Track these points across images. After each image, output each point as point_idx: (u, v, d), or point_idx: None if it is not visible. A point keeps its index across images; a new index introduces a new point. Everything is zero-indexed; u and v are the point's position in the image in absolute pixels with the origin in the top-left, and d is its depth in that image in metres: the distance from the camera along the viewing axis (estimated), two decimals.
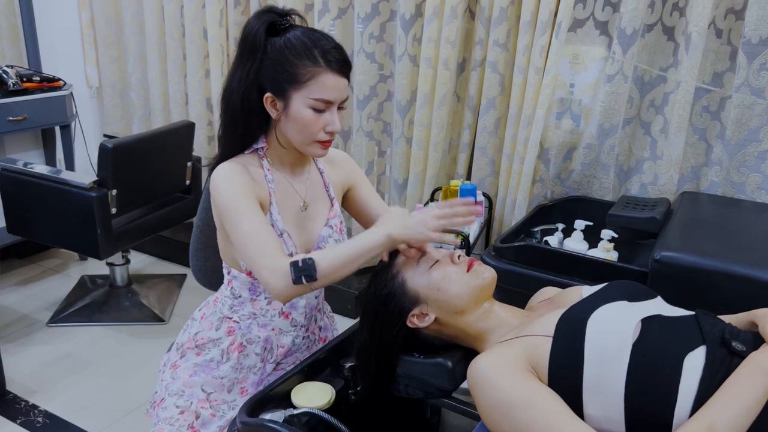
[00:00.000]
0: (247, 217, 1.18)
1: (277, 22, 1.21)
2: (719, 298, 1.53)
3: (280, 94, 1.21)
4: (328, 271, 1.14)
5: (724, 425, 0.87)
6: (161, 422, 1.33)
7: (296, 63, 1.18)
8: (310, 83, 1.18)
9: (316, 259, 1.14)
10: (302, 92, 1.19)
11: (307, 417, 1.15)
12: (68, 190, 2.34)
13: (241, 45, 1.22)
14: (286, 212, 1.30)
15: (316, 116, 1.20)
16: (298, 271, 1.12)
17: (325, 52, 1.19)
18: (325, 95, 1.19)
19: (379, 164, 2.77)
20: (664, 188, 2.20)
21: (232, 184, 1.21)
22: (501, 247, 1.91)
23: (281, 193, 1.30)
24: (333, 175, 1.42)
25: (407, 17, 2.42)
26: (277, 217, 1.27)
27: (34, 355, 2.45)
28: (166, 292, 2.96)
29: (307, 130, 1.21)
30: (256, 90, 1.21)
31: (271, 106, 1.23)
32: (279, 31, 1.21)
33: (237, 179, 1.21)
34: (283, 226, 1.28)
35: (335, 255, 1.15)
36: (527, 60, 2.25)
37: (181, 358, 1.38)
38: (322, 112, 1.20)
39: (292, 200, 1.32)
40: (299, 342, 1.39)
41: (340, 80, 1.20)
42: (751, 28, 1.93)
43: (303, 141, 1.24)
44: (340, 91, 1.21)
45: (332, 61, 1.19)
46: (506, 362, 1.03)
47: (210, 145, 3.19)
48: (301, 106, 1.19)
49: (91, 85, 3.47)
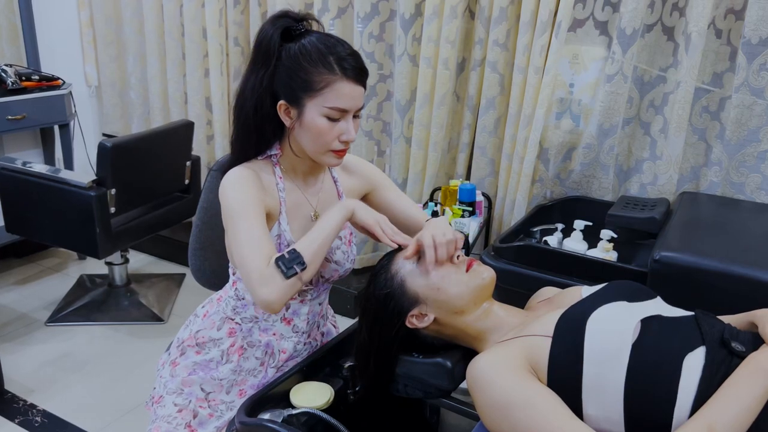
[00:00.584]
0: (246, 222, 1.16)
1: (292, 28, 1.18)
2: (719, 298, 1.53)
3: (294, 102, 1.18)
4: (312, 253, 1.13)
5: (724, 425, 0.87)
6: (159, 420, 1.33)
7: (311, 70, 1.15)
8: (325, 91, 1.15)
9: (298, 248, 1.13)
10: (317, 100, 1.16)
11: (306, 417, 1.14)
12: (67, 190, 2.34)
13: (255, 50, 1.19)
14: (295, 223, 1.28)
15: (330, 125, 1.18)
16: (288, 263, 1.11)
17: (341, 60, 1.16)
18: (340, 104, 1.16)
19: (379, 164, 2.77)
20: (663, 188, 2.20)
21: (239, 189, 1.19)
22: (500, 247, 1.91)
23: (292, 203, 1.28)
24: (347, 183, 1.39)
25: (407, 17, 2.42)
26: (286, 228, 1.25)
27: (33, 355, 2.45)
28: (165, 291, 2.96)
29: (322, 138, 1.19)
30: (269, 97, 1.19)
31: (284, 113, 1.20)
32: (294, 36, 1.18)
33: (245, 185, 1.19)
34: (290, 237, 1.26)
35: (311, 239, 1.15)
36: (527, 60, 2.25)
37: (181, 355, 1.38)
38: (336, 120, 1.18)
39: (303, 210, 1.30)
40: (301, 348, 1.38)
41: (355, 88, 1.18)
42: (750, 28, 1.93)
43: (317, 150, 1.21)
44: (355, 100, 1.18)
45: (348, 69, 1.16)
46: (506, 362, 1.03)
47: (209, 144, 3.18)
48: (315, 114, 1.17)
49: (90, 84, 3.46)
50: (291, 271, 1.10)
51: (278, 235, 1.25)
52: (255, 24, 2.84)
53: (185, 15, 2.97)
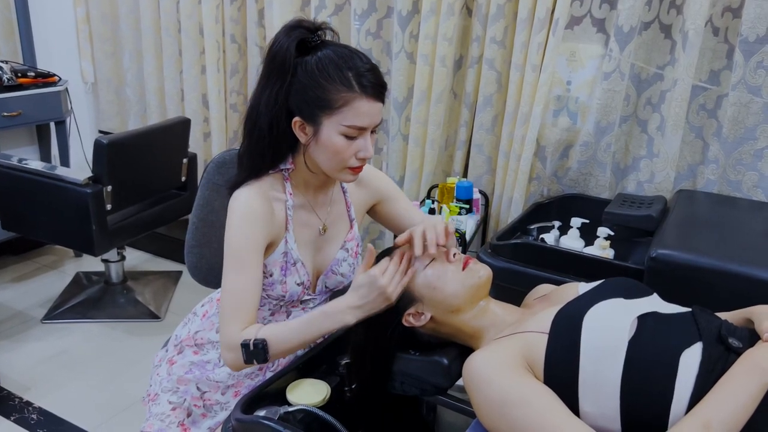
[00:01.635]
0: (238, 275, 1.15)
1: (307, 39, 1.14)
2: (715, 295, 1.53)
3: (310, 120, 1.14)
4: (281, 351, 1.14)
5: (720, 422, 0.87)
6: (152, 417, 1.33)
7: (329, 88, 1.11)
8: (343, 110, 1.11)
9: (269, 341, 1.12)
10: (335, 118, 1.12)
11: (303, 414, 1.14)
12: (63, 187, 2.33)
13: (269, 63, 1.15)
14: (302, 239, 1.26)
15: (348, 143, 1.14)
16: (249, 355, 1.13)
17: (360, 76, 1.11)
18: (358, 122, 1.13)
19: (376, 161, 2.76)
20: (660, 186, 2.20)
21: (244, 228, 1.16)
22: (497, 245, 1.91)
23: (300, 219, 1.26)
24: (357, 194, 1.37)
25: (404, 14, 2.42)
26: (293, 246, 1.24)
27: (29, 352, 2.44)
28: (161, 288, 2.95)
29: (339, 156, 1.15)
30: (285, 114, 1.15)
31: (299, 130, 1.17)
32: (309, 48, 1.14)
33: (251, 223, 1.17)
34: (297, 255, 1.25)
35: (288, 337, 1.14)
36: (524, 57, 2.25)
37: (179, 353, 1.37)
38: (354, 138, 1.15)
39: (311, 225, 1.28)
40: (301, 353, 1.38)
41: (374, 105, 1.14)
42: (748, 26, 1.93)
43: (333, 167, 1.18)
44: (374, 117, 1.14)
45: (367, 86, 1.12)
46: (502, 359, 1.03)
47: (206, 142, 3.18)
48: (332, 132, 1.13)
49: (86, 81, 3.45)
50: (249, 360, 1.13)
51: (284, 253, 1.24)
52: (252, 21, 2.83)
53: (182, 11, 2.96)
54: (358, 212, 1.38)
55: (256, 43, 2.87)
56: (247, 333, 1.14)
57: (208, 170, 1.54)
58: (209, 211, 1.55)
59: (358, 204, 1.37)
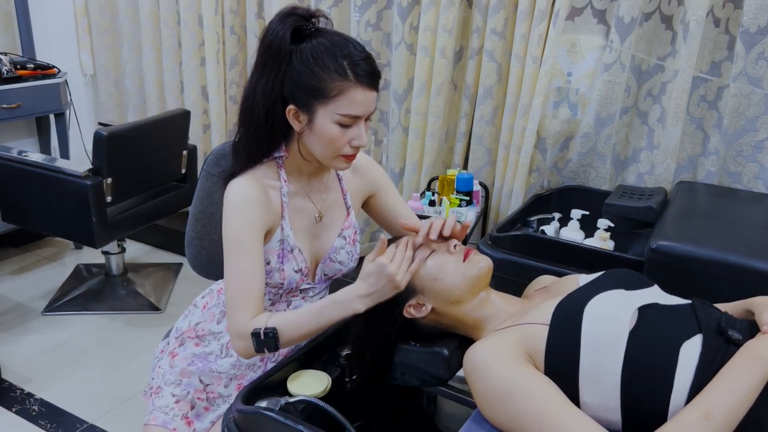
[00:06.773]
0: (241, 260, 1.16)
1: (301, 27, 1.14)
2: (715, 287, 1.53)
3: (304, 108, 1.15)
4: (291, 339, 1.15)
5: (720, 413, 0.87)
6: (156, 410, 1.33)
7: (324, 77, 1.11)
8: (338, 98, 1.12)
9: (279, 329, 1.13)
10: (329, 107, 1.13)
11: (303, 405, 1.15)
12: (63, 179, 2.33)
13: (263, 51, 1.15)
14: (299, 226, 1.27)
15: (342, 131, 1.15)
16: (260, 343, 1.14)
17: (355, 65, 1.12)
18: (353, 111, 1.13)
19: (376, 153, 2.76)
20: (660, 178, 2.20)
21: (240, 215, 1.17)
22: (497, 237, 1.91)
23: (296, 206, 1.26)
24: (353, 182, 1.37)
25: (404, 5, 2.41)
26: (289, 233, 1.24)
27: (30, 344, 2.45)
28: (161, 280, 2.96)
29: (333, 145, 1.16)
30: (280, 102, 1.16)
31: (293, 118, 1.17)
32: (304, 36, 1.14)
33: (248, 210, 1.17)
34: (294, 242, 1.25)
35: (298, 324, 1.15)
36: (524, 49, 2.24)
37: (180, 346, 1.38)
38: (348, 126, 1.15)
39: (307, 212, 1.29)
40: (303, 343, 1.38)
41: (369, 94, 1.15)
42: (749, 17, 1.93)
43: (327, 155, 1.18)
44: (368, 106, 1.15)
45: (362, 75, 1.12)
46: (502, 350, 1.03)
47: (205, 134, 3.17)
48: (326, 120, 1.14)
49: (85, 73, 3.44)
50: (260, 349, 1.14)
51: (281, 240, 1.24)
52: (251, 12, 2.82)
53: (181, 3, 2.95)
54: (355, 200, 1.38)
55: (256, 35, 2.86)
56: (257, 321, 1.14)
57: (207, 162, 1.54)
58: (209, 202, 1.55)
59: (354, 192, 1.37)
